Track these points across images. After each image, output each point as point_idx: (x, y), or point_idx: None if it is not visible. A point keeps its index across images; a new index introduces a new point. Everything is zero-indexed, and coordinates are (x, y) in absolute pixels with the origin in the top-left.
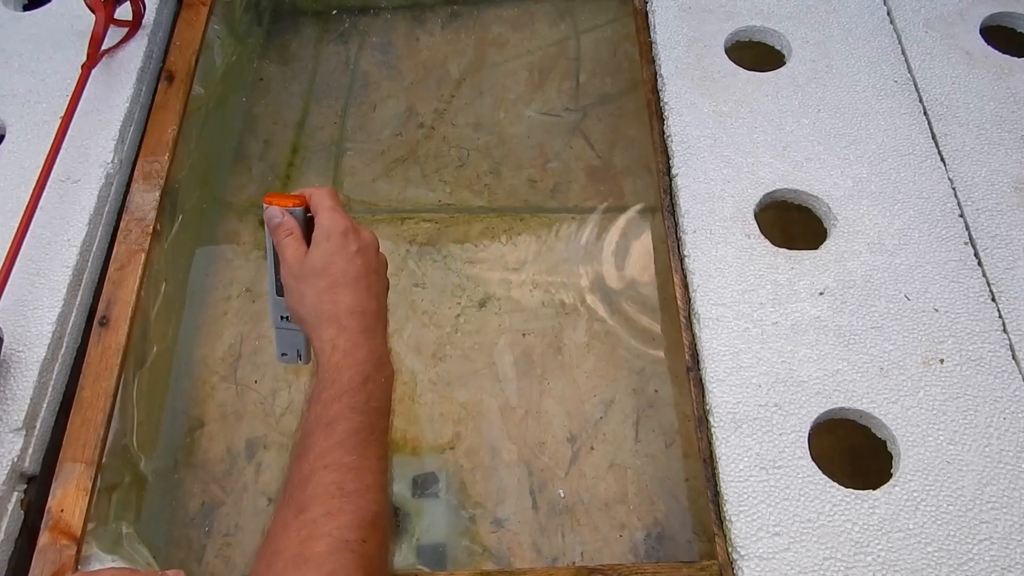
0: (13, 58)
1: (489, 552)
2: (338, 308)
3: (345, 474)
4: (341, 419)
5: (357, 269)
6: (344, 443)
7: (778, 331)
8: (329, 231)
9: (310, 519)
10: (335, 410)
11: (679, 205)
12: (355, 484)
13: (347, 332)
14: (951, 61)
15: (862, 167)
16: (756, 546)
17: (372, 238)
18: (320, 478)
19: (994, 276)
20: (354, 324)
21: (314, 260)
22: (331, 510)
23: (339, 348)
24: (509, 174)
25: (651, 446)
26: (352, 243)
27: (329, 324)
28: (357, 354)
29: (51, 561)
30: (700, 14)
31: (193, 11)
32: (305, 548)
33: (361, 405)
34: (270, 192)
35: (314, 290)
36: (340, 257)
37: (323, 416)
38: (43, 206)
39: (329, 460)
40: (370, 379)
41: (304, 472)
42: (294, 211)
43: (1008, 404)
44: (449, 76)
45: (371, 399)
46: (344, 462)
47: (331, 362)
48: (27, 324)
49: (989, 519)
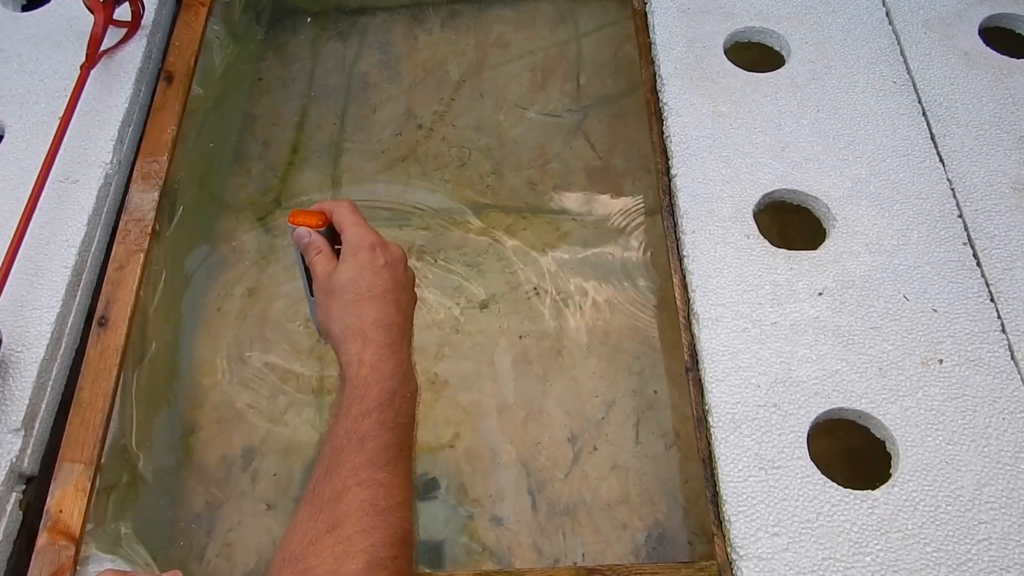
0: (12, 58)
1: (489, 552)
2: (363, 321)
3: (378, 491)
4: (372, 436)
5: (384, 283)
6: (375, 460)
7: (777, 331)
8: (356, 247)
9: (344, 536)
10: (366, 427)
11: (678, 205)
12: (387, 502)
13: (372, 345)
14: (950, 62)
15: (861, 168)
16: (755, 546)
17: (400, 252)
18: (354, 495)
19: (993, 276)
20: (379, 337)
21: (341, 276)
22: (366, 528)
23: (365, 363)
24: (510, 175)
25: (651, 447)
26: (379, 257)
27: (355, 338)
28: (384, 368)
29: (50, 562)
30: (699, 15)
31: (192, 12)
32: (340, 566)
33: (390, 421)
34: (294, 210)
35: (340, 304)
36: (367, 271)
37: (353, 432)
38: (42, 206)
39: (363, 477)
40: (397, 394)
41: (336, 488)
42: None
43: (1007, 404)
44: (449, 77)
45: (399, 415)
46: (376, 479)
47: (359, 376)
48: (26, 324)
49: (988, 519)
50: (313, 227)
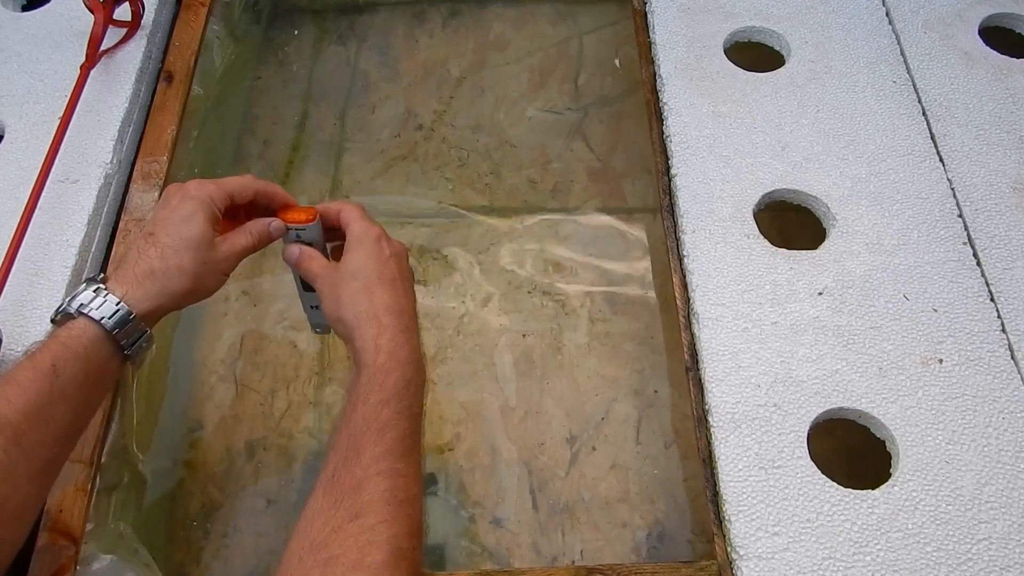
0: (12, 58)
1: (488, 552)
2: (375, 306)
3: (397, 481)
4: (391, 425)
5: (392, 271)
6: (394, 450)
7: (777, 331)
8: (362, 238)
9: (367, 526)
10: (385, 415)
11: (678, 205)
12: (406, 492)
13: (388, 331)
14: (950, 62)
15: (861, 167)
16: (755, 546)
17: (402, 248)
18: (375, 484)
19: (993, 276)
20: (393, 322)
21: (349, 264)
22: (387, 518)
23: (383, 349)
24: (510, 174)
25: (652, 447)
26: (385, 248)
27: (369, 323)
28: (400, 355)
29: (50, 562)
30: (699, 14)
31: (192, 12)
32: (365, 555)
33: (406, 410)
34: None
35: (349, 290)
36: (375, 259)
37: (372, 420)
38: (42, 206)
39: (383, 467)
40: (412, 382)
41: (357, 476)
42: (309, 227)
43: (1007, 404)
44: (449, 76)
45: (413, 404)
46: (396, 469)
47: (376, 363)
48: (26, 324)
49: (988, 519)
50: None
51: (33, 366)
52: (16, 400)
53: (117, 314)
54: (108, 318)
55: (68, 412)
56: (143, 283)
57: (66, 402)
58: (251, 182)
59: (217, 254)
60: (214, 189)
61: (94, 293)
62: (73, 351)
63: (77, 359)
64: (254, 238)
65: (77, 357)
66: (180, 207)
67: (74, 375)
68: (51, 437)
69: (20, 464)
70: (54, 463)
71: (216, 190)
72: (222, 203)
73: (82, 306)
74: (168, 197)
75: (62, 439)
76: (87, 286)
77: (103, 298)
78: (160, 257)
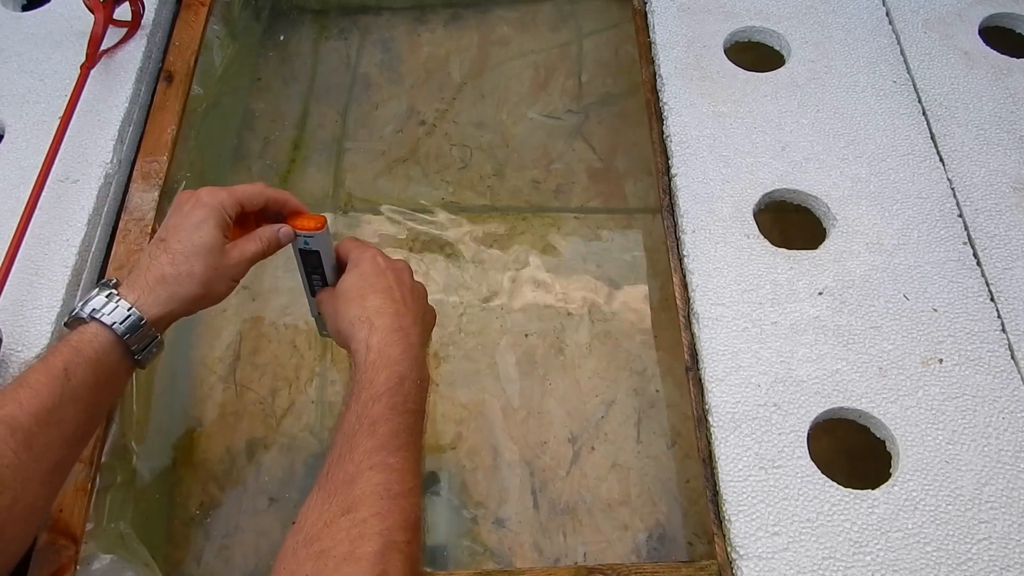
0: (12, 58)
1: (490, 552)
2: (367, 311)
3: (391, 475)
4: (383, 420)
5: (387, 282)
6: (387, 445)
7: (777, 331)
8: (358, 259)
9: (359, 519)
10: (376, 411)
11: (678, 205)
12: (400, 487)
13: (379, 331)
14: (950, 62)
15: (861, 167)
16: (755, 545)
17: (403, 263)
18: (368, 479)
19: (993, 276)
20: (384, 323)
21: (345, 282)
22: (380, 511)
23: (372, 347)
24: (512, 175)
25: (652, 447)
26: (381, 262)
27: (361, 326)
28: (391, 352)
29: (50, 561)
30: (699, 14)
31: (192, 11)
32: (356, 548)
33: (400, 406)
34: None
35: (344, 302)
36: (369, 274)
37: (364, 416)
38: (42, 206)
39: (376, 461)
40: (406, 379)
41: (349, 471)
42: (317, 235)
43: (1007, 404)
44: (451, 77)
45: (408, 400)
46: (389, 463)
47: (367, 362)
48: (26, 324)
49: (988, 519)
50: (312, 230)
51: (45, 369)
52: (28, 403)
53: (128, 319)
54: (120, 323)
55: (78, 415)
56: (154, 289)
57: (76, 405)
58: (262, 190)
59: (227, 260)
60: (225, 196)
61: (106, 298)
62: (85, 355)
63: (88, 363)
64: (263, 244)
65: (88, 361)
66: (192, 214)
67: (85, 379)
68: (61, 440)
69: (30, 466)
70: (63, 465)
71: (227, 197)
72: (233, 210)
73: (94, 311)
74: (180, 204)
75: (72, 442)
76: (99, 291)
77: (115, 303)
78: (171, 263)
